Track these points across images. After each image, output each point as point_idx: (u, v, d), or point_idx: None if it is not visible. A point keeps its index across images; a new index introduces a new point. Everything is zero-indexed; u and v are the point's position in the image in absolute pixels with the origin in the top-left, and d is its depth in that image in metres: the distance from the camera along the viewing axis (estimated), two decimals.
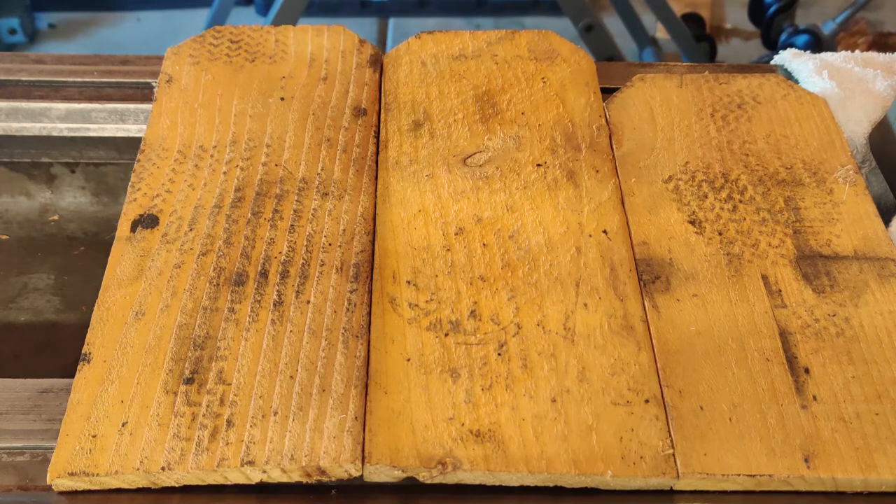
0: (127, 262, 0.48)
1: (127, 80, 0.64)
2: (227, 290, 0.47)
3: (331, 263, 0.48)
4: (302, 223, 0.50)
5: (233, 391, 0.42)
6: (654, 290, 0.47)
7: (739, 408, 0.42)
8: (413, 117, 0.57)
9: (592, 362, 0.44)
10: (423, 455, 0.40)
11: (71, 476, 0.40)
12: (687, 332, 0.46)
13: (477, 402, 0.42)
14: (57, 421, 0.43)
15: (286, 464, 0.40)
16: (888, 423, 0.42)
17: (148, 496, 0.41)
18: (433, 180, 0.53)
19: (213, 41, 0.62)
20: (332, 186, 0.52)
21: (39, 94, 0.63)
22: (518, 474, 0.40)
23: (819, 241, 0.50)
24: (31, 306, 0.63)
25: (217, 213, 0.51)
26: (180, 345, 0.44)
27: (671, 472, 0.40)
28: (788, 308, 0.47)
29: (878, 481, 0.41)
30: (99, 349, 0.44)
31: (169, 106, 0.57)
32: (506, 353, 0.44)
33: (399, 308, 0.46)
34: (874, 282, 0.48)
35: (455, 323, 0.45)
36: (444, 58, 0.61)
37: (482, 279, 0.47)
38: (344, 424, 0.41)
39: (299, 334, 0.45)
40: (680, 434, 0.41)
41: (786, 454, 0.41)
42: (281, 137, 0.55)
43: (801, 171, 0.54)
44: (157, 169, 0.53)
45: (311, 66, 0.61)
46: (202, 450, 0.40)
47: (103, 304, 0.46)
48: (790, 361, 0.44)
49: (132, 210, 0.51)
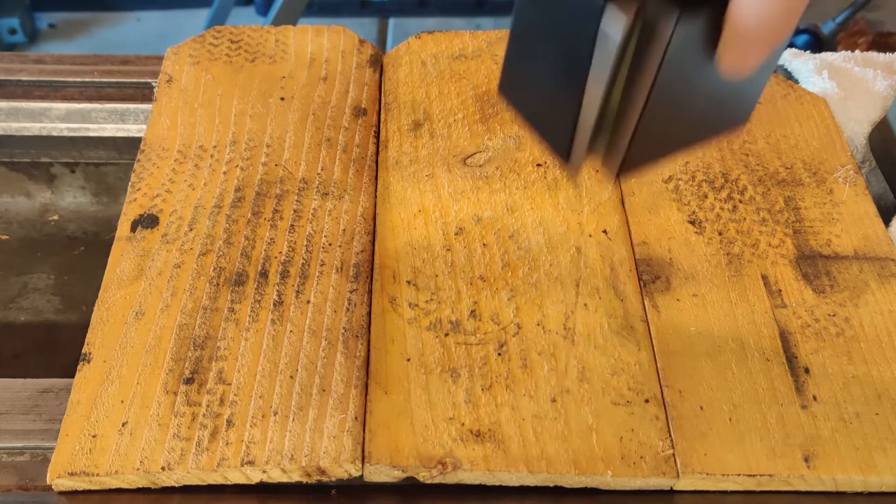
0: (127, 262, 0.48)
1: (127, 80, 0.64)
2: (227, 290, 0.47)
3: (331, 263, 0.48)
4: (302, 223, 0.50)
5: (233, 391, 0.42)
6: (654, 290, 0.47)
7: (739, 408, 0.42)
8: (413, 117, 0.57)
9: (592, 362, 0.44)
10: (423, 455, 0.40)
11: (71, 476, 0.40)
12: (687, 332, 0.45)
13: (477, 402, 0.42)
14: (57, 421, 0.43)
15: (286, 464, 0.40)
16: (888, 422, 0.42)
17: (148, 496, 0.41)
18: (433, 180, 0.53)
19: (213, 41, 0.62)
20: (332, 186, 0.52)
21: (39, 94, 0.63)
22: (518, 474, 0.40)
23: (819, 241, 0.50)
24: (31, 306, 0.63)
25: (217, 213, 0.51)
26: (180, 345, 0.44)
27: (671, 473, 0.40)
28: (788, 308, 0.47)
29: (878, 481, 0.41)
30: (99, 349, 0.44)
31: (169, 106, 0.57)
32: (506, 353, 0.44)
33: (399, 308, 0.46)
34: (874, 282, 0.48)
35: (455, 323, 0.45)
36: (444, 58, 0.61)
37: (482, 279, 0.47)
38: (344, 424, 0.41)
39: (299, 334, 0.45)
40: (680, 434, 0.41)
41: (786, 454, 0.41)
42: (281, 137, 0.55)
43: (801, 170, 0.54)
44: (157, 169, 0.53)
45: (311, 66, 0.61)
46: (202, 450, 0.40)
47: (103, 303, 0.46)
48: (790, 361, 0.44)
49: (132, 210, 0.51)
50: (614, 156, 0.36)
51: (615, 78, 0.33)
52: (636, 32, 0.31)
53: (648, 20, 0.30)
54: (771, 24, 0.30)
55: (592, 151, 0.37)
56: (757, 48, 0.31)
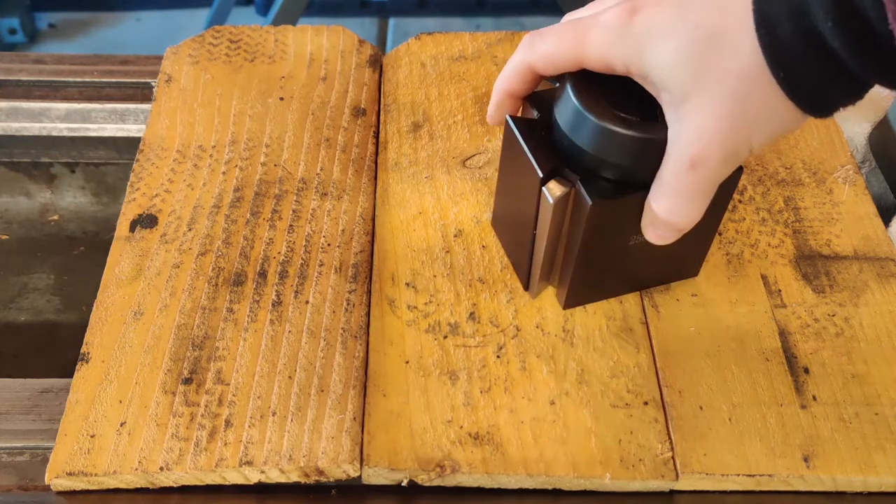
0: (126, 262, 0.48)
1: (127, 80, 0.64)
2: (225, 290, 0.47)
3: (329, 264, 0.48)
4: (301, 223, 0.50)
5: (231, 391, 0.42)
6: (654, 291, 0.47)
7: (739, 408, 0.42)
8: (412, 119, 0.57)
9: (591, 365, 0.44)
10: (422, 457, 0.40)
11: (69, 476, 0.40)
12: (686, 333, 0.45)
13: (476, 405, 0.42)
14: (57, 421, 0.43)
15: (284, 464, 0.40)
16: (888, 422, 0.42)
17: (146, 496, 0.41)
18: (432, 182, 0.53)
19: (213, 41, 0.62)
20: (331, 186, 0.52)
21: (39, 94, 0.63)
22: (517, 477, 0.40)
23: (819, 240, 0.50)
24: (31, 306, 0.63)
25: (216, 213, 0.51)
26: (179, 345, 0.44)
27: (670, 475, 0.40)
28: (788, 308, 0.47)
29: (878, 481, 0.41)
30: (97, 349, 0.44)
31: (168, 106, 0.57)
32: (505, 356, 0.44)
33: (398, 310, 0.46)
34: (874, 282, 0.48)
35: (454, 325, 0.45)
36: (444, 59, 0.61)
37: (481, 281, 0.47)
38: (342, 425, 0.41)
39: (298, 335, 0.45)
40: (680, 434, 0.41)
41: (785, 454, 0.41)
42: (280, 137, 0.55)
43: (801, 170, 0.54)
44: (156, 169, 0.53)
45: (310, 66, 0.61)
46: (200, 450, 0.40)
47: (102, 303, 0.46)
48: (790, 361, 0.44)
49: (131, 210, 0.51)
50: (562, 292, 0.46)
51: (558, 233, 0.42)
52: (570, 202, 0.40)
53: (578, 196, 0.39)
54: (675, 221, 0.37)
55: (550, 283, 0.46)
56: (668, 232, 0.38)
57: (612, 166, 0.38)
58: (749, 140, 0.34)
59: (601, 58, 0.35)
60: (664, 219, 0.37)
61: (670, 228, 0.38)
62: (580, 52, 0.36)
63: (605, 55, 0.35)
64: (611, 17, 0.35)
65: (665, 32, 0.33)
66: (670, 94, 0.34)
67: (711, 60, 0.32)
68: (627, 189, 0.39)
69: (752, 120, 0.33)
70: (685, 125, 0.34)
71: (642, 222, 0.39)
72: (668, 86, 0.34)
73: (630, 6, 0.34)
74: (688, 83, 0.33)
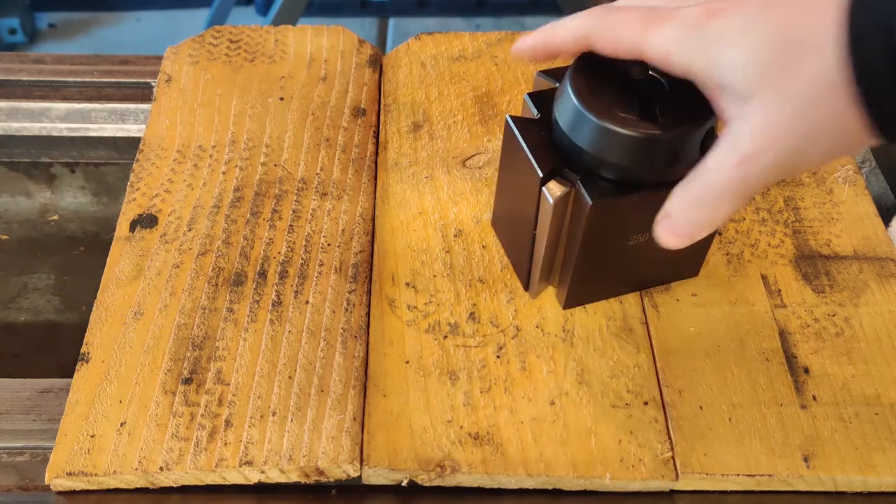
0: (126, 262, 0.48)
1: (127, 80, 0.64)
2: (225, 290, 0.47)
3: (329, 264, 0.48)
4: (301, 223, 0.50)
5: (231, 391, 0.42)
6: (654, 291, 0.47)
7: (739, 408, 0.42)
8: (412, 119, 0.57)
9: (591, 365, 0.44)
10: (422, 458, 0.40)
11: (69, 476, 0.40)
12: (686, 332, 0.45)
13: (476, 405, 0.42)
14: (57, 421, 0.43)
15: (284, 464, 0.40)
16: (887, 423, 0.42)
17: (146, 496, 0.41)
18: (432, 182, 0.53)
19: (213, 41, 0.62)
20: (331, 186, 0.52)
21: (39, 94, 0.63)
22: (516, 477, 0.40)
23: (819, 240, 0.50)
24: (31, 306, 0.63)
25: (216, 212, 0.51)
26: (179, 345, 0.44)
27: (670, 475, 0.40)
28: (788, 308, 0.47)
29: (878, 481, 0.41)
30: (97, 349, 0.44)
31: (168, 106, 0.57)
32: (505, 356, 0.44)
33: (398, 310, 0.46)
34: (874, 282, 0.48)
35: (454, 325, 0.45)
36: (444, 59, 0.61)
37: (481, 281, 0.47)
38: (342, 425, 0.41)
39: (298, 335, 0.45)
40: (680, 434, 0.41)
41: (785, 454, 0.41)
42: (280, 137, 0.55)
43: None
44: (156, 169, 0.53)
45: (310, 66, 0.61)
46: (200, 450, 0.40)
47: (102, 303, 0.46)
48: (790, 361, 0.44)
49: (131, 210, 0.51)
50: (562, 292, 0.46)
51: (558, 233, 0.42)
52: (570, 202, 0.40)
53: (578, 195, 0.39)
54: (696, 216, 0.35)
55: (550, 283, 0.46)
56: (681, 227, 0.36)
57: (612, 166, 0.38)
58: (805, 153, 0.32)
59: (663, 52, 0.34)
60: (685, 210, 0.35)
61: (685, 225, 0.36)
62: (642, 40, 0.35)
63: (668, 51, 0.34)
64: (690, 16, 0.33)
65: (743, 32, 0.32)
66: (734, 93, 0.32)
67: (787, 61, 0.31)
68: (627, 189, 0.39)
69: (814, 131, 0.31)
70: (745, 123, 0.32)
71: (659, 213, 0.36)
72: (734, 84, 0.32)
73: (713, 8, 0.33)
74: (756, 83, 0.31)
